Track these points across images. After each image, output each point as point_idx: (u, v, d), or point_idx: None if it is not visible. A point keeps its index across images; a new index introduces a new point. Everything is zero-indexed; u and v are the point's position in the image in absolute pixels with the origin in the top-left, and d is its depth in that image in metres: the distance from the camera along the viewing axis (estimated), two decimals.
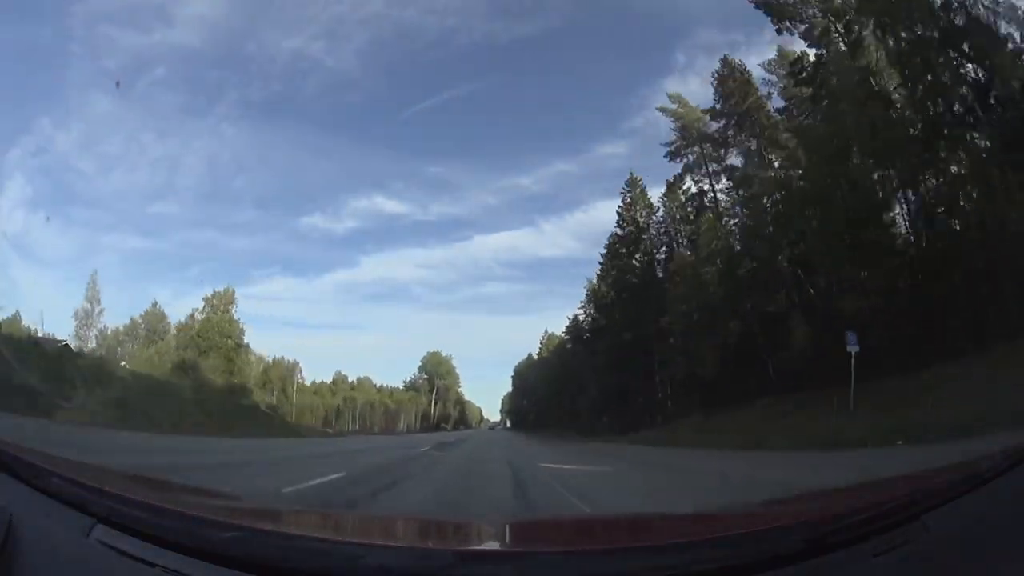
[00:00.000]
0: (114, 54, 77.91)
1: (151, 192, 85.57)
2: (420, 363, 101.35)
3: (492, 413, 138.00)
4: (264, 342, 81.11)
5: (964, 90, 17.06)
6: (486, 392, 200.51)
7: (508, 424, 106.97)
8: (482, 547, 1.65)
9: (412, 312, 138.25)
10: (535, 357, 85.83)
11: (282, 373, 64.90)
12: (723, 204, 32.71)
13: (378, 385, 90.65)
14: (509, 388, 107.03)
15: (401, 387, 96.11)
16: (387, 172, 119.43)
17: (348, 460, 13.08)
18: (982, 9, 16.78)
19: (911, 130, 17.96)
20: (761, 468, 10.70)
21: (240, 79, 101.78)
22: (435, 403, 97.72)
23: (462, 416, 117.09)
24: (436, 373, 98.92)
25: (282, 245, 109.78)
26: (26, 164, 56.52)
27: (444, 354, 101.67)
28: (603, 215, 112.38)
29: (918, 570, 1.05)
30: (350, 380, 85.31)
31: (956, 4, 17.07)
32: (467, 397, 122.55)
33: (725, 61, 31.74)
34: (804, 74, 22.65)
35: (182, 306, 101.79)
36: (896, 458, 7.97)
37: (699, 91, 77.35)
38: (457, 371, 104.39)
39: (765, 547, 1.10)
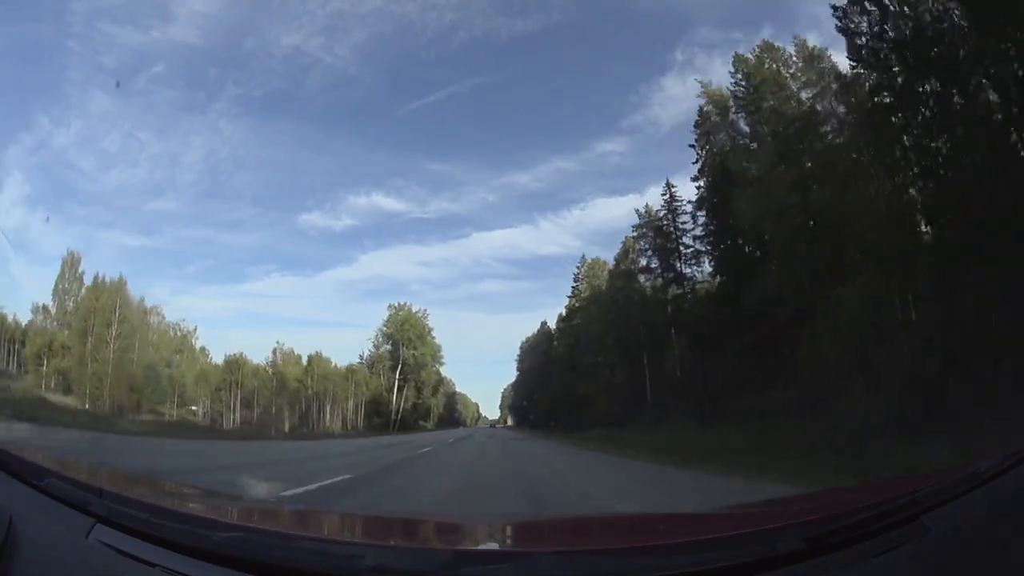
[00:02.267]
0: (113, 51, 78.16)
1: (149, 189, 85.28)
2: (382, 325, 66.19)
3: (491, 411, 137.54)
4: (263, 340, 79.25)
5: None
6: (486, 391, 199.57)
7: (509, 421, 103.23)
8: (482, 547, 1.65)
9: None
10: (551, 326, 61.31)
11: (99, 304, 35.85)
12: None
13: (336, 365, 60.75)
14: (509, 382, 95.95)
15: (358, 363, 63.26)
16: (386, 169, 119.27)
17: None
18: None
19: None
20: None
21: (239, 76, 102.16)
22: (399, 386, 62.09)
23: (451, 412, 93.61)
24: (403, 339, 64.05)
25: (280, 242, 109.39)
26: (25, 161, 56.24)
27: (415, 309, 67.74)
28: (602, 213, 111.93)
29: (918, 570, 1.05)
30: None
31: None
32: (460, 389, 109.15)
33: None
34: None
35: (180, 304, 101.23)
36: None
37: (698, 88, 77.31)
38: (437, 340, 69.39)
39: (765, 547, 1.10)
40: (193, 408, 45.45)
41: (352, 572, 1.13)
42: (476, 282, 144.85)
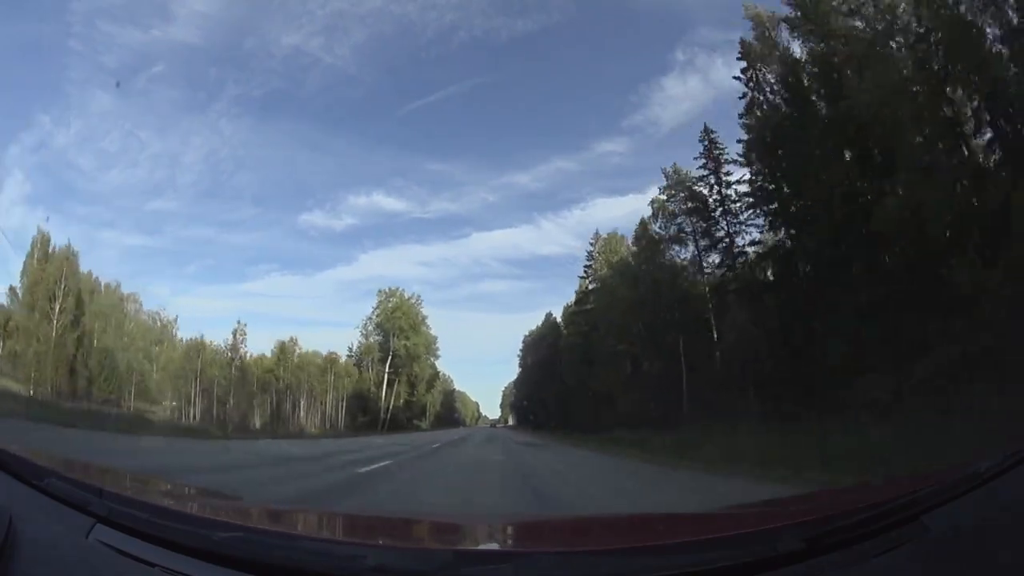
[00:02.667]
0: (113, 51, 78.11)
1: (150, 188, 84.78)
2: (372, 314, 58.81)
3: (491, 410, 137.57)
4: (264, 339, 77.72)
5: None
6: (486, 391, 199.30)
7: (510, 421, 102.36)
8: (482, 547, 1.65)
9: None
10: (557, 318, 56.71)
11: (44, 274, 31.03)
12: None
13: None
14: (510, 380, 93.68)
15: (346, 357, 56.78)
16: (386, 169, 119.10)
17: None
18: None
19: None
20: None
21: (239, 75, 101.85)
22: (389, 380, 55.45)
23: (449, 410, 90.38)
24: (394, 328, 56.81)
25: (281, 242, 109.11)
26: (25, 161, 55.98)
27: (407, 294, 59.94)
28: (603, 212, 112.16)
29: (918, 570, 1.05)
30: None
31: None
32: (460, 388, 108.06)
33: None
34: None
35: (180, 303, 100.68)
36: None
37: (698, 88, 77.46)
38: (432, 331, 62.20)
39: (765, 547, 1.10)
40: (166, 403, 40.14)
41: (353, 572, 1.13)
42: (476, 282, 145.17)
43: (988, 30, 14.39)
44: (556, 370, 48.56)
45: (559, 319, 56.60)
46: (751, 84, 23.53)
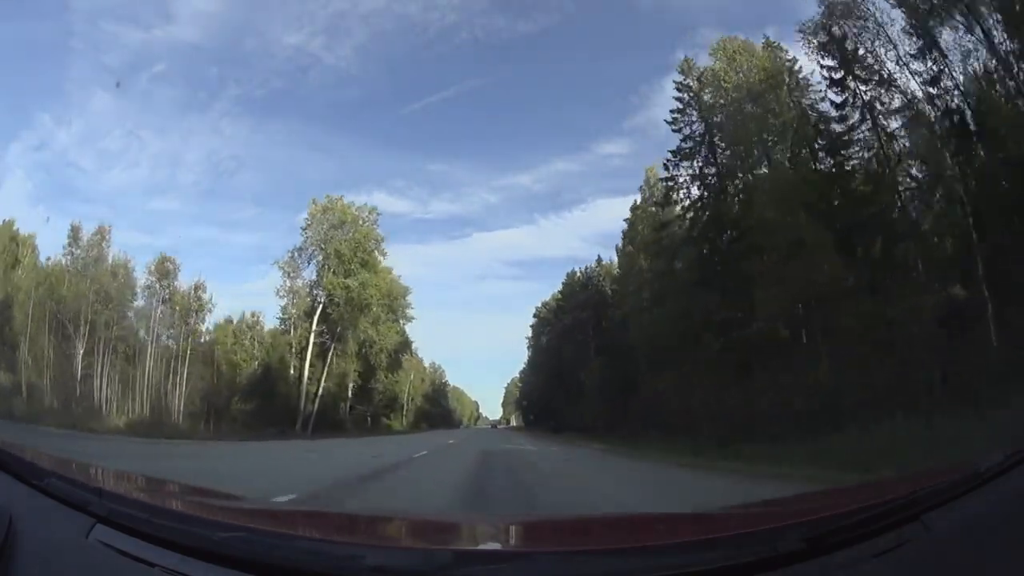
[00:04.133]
0: (115, 50, 77.82)
1: (151, 188, 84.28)
2: (301, 239, 35.89)
3: (492, 411, 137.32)
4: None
5: None
6: (487, 393, 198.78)
7: (514, 422, 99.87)
8: (482, 547, 1.65)
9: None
10: (580, 274, 43.56)
11: None
12: None
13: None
14: (512, 378, 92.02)
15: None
16: (388, 169, 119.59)
17: None
18: None
19: None
20: None
21: (241, 75, 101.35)
22: (321, 347, 34.18)
23: (440, 407, 79.53)
24: (328, 257, 34.33)
25: (282, 242, 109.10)
26: (26, 160, 55.96)
27: (355, 207, 37.00)
28: (605, 214, 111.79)
29: (918, 570, 1.05)
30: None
31: None
32: (458, 385, 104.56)
33: None
34: None
35: None
36: None
37: None
38: (400, 278, 41.53)
39: (765, 547, 1.10)
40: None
41: (352, 572, 1.13)
42: (478, 283, 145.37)
43: None
44: (596, 337, 30.75)
45: (593, 265, 41.28)
46: None
